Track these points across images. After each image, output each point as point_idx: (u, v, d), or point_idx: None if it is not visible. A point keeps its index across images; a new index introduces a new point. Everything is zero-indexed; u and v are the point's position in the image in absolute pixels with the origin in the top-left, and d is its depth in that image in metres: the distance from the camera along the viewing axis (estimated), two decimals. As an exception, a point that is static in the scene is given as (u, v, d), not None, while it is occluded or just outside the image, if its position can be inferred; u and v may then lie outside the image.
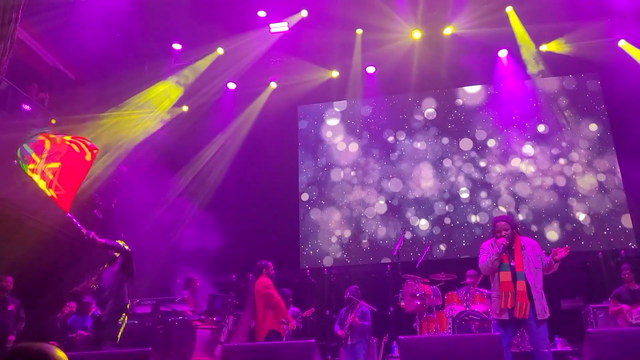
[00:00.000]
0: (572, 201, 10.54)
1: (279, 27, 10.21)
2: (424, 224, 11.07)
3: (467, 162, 11.26)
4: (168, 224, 10.62)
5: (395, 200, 11.35)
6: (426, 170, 11.38)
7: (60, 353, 1.62)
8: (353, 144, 11.93)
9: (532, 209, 10.63)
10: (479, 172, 11.14)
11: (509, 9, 10.11)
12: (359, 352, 7.69)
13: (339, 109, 12.26)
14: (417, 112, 11.83)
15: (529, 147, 11.01)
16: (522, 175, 10.91)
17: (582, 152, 10.76)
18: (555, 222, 10.48)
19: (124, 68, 10.18)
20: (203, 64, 10.85)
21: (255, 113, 11.71)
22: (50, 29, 9.15)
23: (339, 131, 12.11)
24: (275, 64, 11.23)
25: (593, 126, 10.85)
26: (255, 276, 6.76)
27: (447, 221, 10.98)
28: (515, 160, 11.02)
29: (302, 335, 8.10)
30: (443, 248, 10.79)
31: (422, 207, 11.17)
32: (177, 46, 10.82)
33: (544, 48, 10.66)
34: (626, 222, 10.17)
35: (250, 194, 11.42)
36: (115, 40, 9.80)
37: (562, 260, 4.74)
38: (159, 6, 9.80)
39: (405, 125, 11.81)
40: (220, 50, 10.74)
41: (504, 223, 4.93)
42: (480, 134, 11.35)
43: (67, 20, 8.98)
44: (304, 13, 10.21)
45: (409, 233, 10.76)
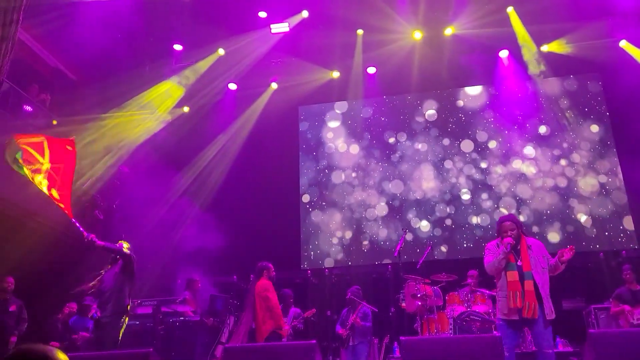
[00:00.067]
0: (574, 202, 10.52)
1: (280, 27, 10.21)
2: (425, 225, 11.06)
3: (468, 163, 11.24)
4: (169, 225, 10.63)
5: (396, 202, 11.34)
6: (427, 171, 11.36)
7: (61, 355, 1.62)
8: (354, 145, 11.92)
9: (533, 210, 10.61)
10: (480, 173, 11.13)
11: (510, 10, 10.09)
12: (361, 352, 7.69)
13: (339, 111, 12.25)
14: (418, 113, 11.82)
15: (530, 148, 10.99)
16: (523, 177, 10.89)
17: (583, 153, 10.74)
18: (557, 223, 10.46)
19: (125, 69, 10.18)
20: (204, 64, 10.84)
21: (256, 114, 11.71)
22: (52, 30, 9.16)
23: (339, 132, 12.09)
24: (276, 64, 11.23)
25: (594, 127, 10.83)
26: (256, 277, 6.76)
27: (449, 222, 10.96)
28: (516, 162, 11.00)
29: (303, 335, 8.11)
30: (444, 249, 10.79)
31: (423, 208, 11.16)
32: (178, 47, 10.81)
33: (545, 48, 10.64)
34: (627, 223, 10.14)
35: (251, 195, 11.41)
36: (116, 41, 9.80)
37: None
38: (160, 7, 9.81)
39: (406, 127, 11.79)
40: (221, 51, 10.73)
41: (510, 223, 4.89)
42: (481, 135, 11.34)
43: (68, 21, 8.98)
44: (304, 14, 10.20)
45: (410, 234, 10.75)
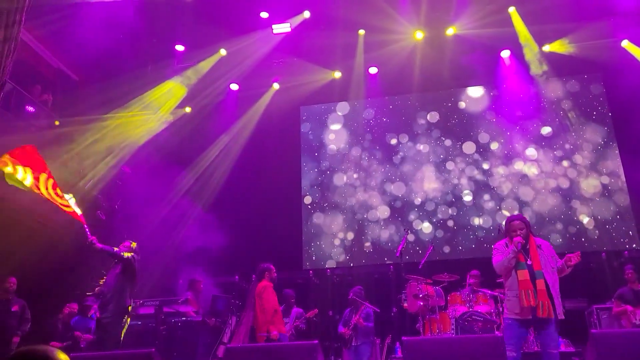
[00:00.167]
0: (576, 203, 10.50)
1: (282, 28, 10.21)
2: (427, 226, 11.04)
3: (470, 164, 11.22)
4: (171, 225, 10.65)
5: (398, 203, 11.32)
6: (429, 172, 11.34)
7: (62, 355, 1.62)
8: (356, 147, 11.91)
9: (535, 212, 10.58)
10: (482, 175, 11.11)
11: (511, 10, 10.07)
12: (364, 353, 7.68)
13: (341, 112, 12.24)
14: (420, 114, 11.80)
15: (532, 149, 10.97)
16: (525, 178, 10.87)
17: (585, 154, 10.71)
18: (559, 224, 10.44)
19: (127, 69, 10.19)
20: (206, 65, 10.85)
21: (258, 114, 11.72)
22: (54, 31, 9.17)
23: (341, 134, 12.08)
24: (277, 65, 11.23)
25: (596, 128, 10.79)
26: (257, 278, 6.77)
27: (450, 224, 10.95)
28: (518, 163, 10.97)
29: (305, 336, 8.11)
30: (447, 250, 10.77)
31: (425, 209, 11.15)
32: (180, 47, 10.82)
33: (547, 48, 10.62)
34: (630, 223, 10.13)
35: (253, 195, 11.42)
36: (118, 41, 9.81)
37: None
38: (162, 7, 9.82)
39: (408, 128, 11.78)
40: (223, 52, 10.74)
41: (519, 222, 4.85)
42: (483, 136, 11.31)
43: (70, 22, 9.00)
44: (306, 14, 10.20)
45: (411, 235, 10.76)
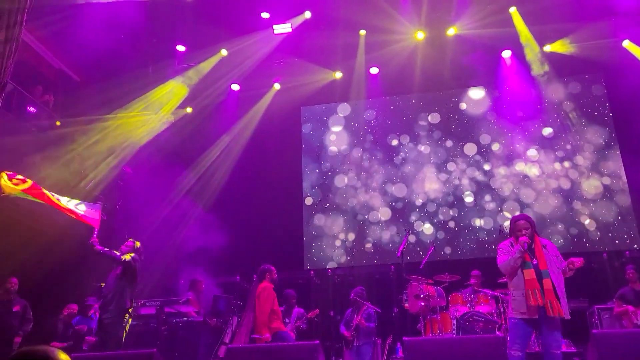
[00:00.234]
0: (577, 204, 10.48)
1: (283, 28, 10.22)
2: (428, 227, 11.04)
3: (472, 165, 11.21)
4: (172, 225, 10.66)
5: (399, 204, 11.31)
6: (430, 173, 11.33)
7: (63, 356, 1.62)
8: (357, 148, 11.90)
9: (536, 212, 10.56)
10: (484, 176, 11.10)
11: (512, 10, 10.06)
12: (365, 353, 7.67)
13: (342, 114, 12.22)
14: (421, 115, 11.79)
15: (533, 150, 10.96)
16: (526, 179, 10.86)
17: (586, 154, 10.70)
18: (560, 225, 10.43)
19: (128, 70, 10.20)
20: (207, 65, 10.86)
21: (259, 114, 11.72)
22: (55, 31, 9.19)
23: (342, 135, 12.08)
24: (278, 65, 11.23)
25: (598, 128, 10.78)
26: (258, 279, 6.77)
27: (452, 225, 10.94)
28: (519, 164, 10.96)
29: (306, 336, 8.11)
30: (448, 251, 10.76)
31: (427, 211, 11.14)
32: (181, 48, 10.83)
33: (548, 48, 10.60)
34: (631, 224, 10.11)
35: (254, 196, 11.43)
36: (119, 42, 9.82)
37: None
38: (163, 8, 9.82)
39: (409, 129, 11.76)
40: (224, 52, 10.75)
41: (524, 222, 4.83)
42: (484, 137, 11.30)
43: (71, 23, 9.01)
44: (307, 14, 10.21)
45: (412, 236, 10.76)
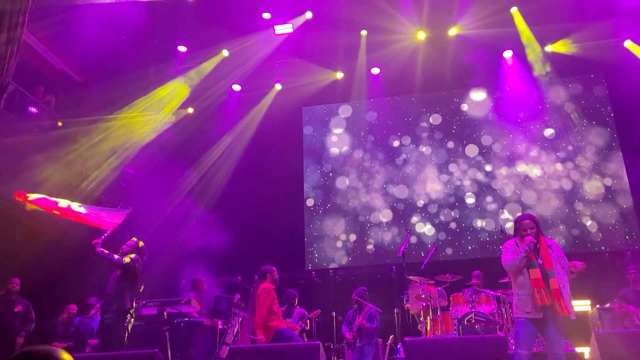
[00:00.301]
0: (579, 205, 10.48)
1: (284, 28, 10.22)
2: (429, 229, 11.03)
3: (473, 166, 11.19)
4: (174, 225, 10.66)
5: (400, 205, 11.31)
6: (431, 174, 11.33)
7: (66, 355, 1.62)
8: (358, 149, 11.89)
9: (538, 213, 10.51)
10: (485, 177, 11.09)
11: (513, 10, 10.06)
12: (367, 354, 7.67)
13: (343, 115, 12.22)
14: (422, 116, 11.78)
15: (535, 151, 10.94)
16: (528, 179, 10.85)
17: (588, 155, 10.69)
18: (562, 226, 10.42)
19: (130, 70, 10.21)
20: (208, 66, 10.86)
21: (260, 115, 11.73)
22: (57, 32, 9.20)
23: (344, 136, 12.08)
24: (280, 65, 11.23)
25: (599, 129, 10.76)
26: (259, 280, 6.77)
27: (453, 226, 10.94)
28: (521, 165, 10.95)
29: (307, 336, 8.11)
30: (449, 252, 10.76)
31: (428, 211, 11.14)
32: (182, 48, 10.85)
33: (550, 48, 10.59)
34: (633, 224, 10.10)
35: (256, 196, 11.43)
36: (120, 42, 9.84)
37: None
38: (164, 8, 9.83)
39: (410, 130, 11.76)
40: (225, 52, 10.75)
41: (529, 221, 4.80)
42: (486, 138, 11.29)
43: (73, 23, 9.03)
44: (308, 15, 10.21)
45: (414, 237, 10.77)
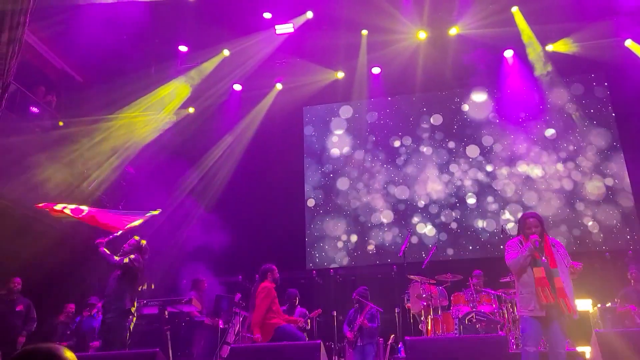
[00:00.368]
0: (580, 205, 10.47)
1: (285, 28, 10.23)
2: (430, 229, 11.03)
3: (474, 167, 11.19)
4: (175, 225, 10.67)
5: (401, 206, 11.30)
6: (432, 175, 11.32)
7: (69, 354, 1.62)
8: (359, 149, 11.89)
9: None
10: (486, 177, 11.08)
11: (514, 9, 10.06)
12: (369, 353, 7.67)
13: (344, 116, 12.21)
14: (423, 117, 11.78)
15: (536, 152, 10.93)
16: (529, 180, 10.84)
17: (589, 155, 10.68)
18: (563, 226, 10.40)
19: (131, 70, 10.22)
20: (209, 65, 10.87)
21: (261, 115, 11.73)
22: (58, 32, 9.22)
23: (344, 136, 12.08)
24: (280, 65, 11.24)
25: (600, 129, 10.75)
26: (260, 279, 6.78)
27: (454, 226, 10.94)
28: (522, 165, 10.94)
29: (308, 335, 8.11)
30: (450, 253, 10.76)
31: (429, 212, 11.13)
32: (183, 48, 10.85)
33: (550, 48, 10.59)
34: (634, 224, 10.09)
35: (257, 195, 11.43)
36: (121, 42, 9.86)
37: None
38: (165, 8, 9.84)
39: (411, 130, 11.75)
40: (226, 52, 10.76)
41: (534, 220, 4.79)
42: (487, 138, 11.28)
43: (74, 23, 9.04)
44: (309, 14, 10.22)
45: (415, 237, 10.77)
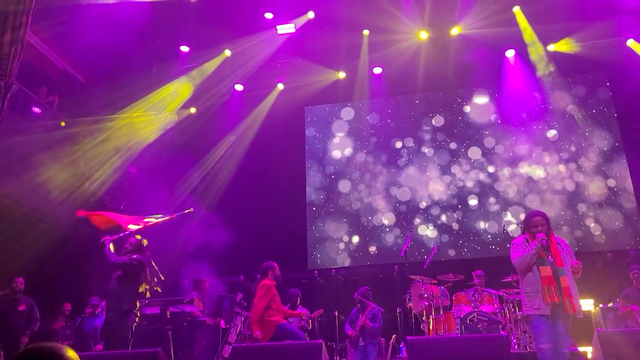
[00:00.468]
0: (582, 206, 10.45)
1: (286, 28, 10.24)
2: (432, 230, 11.03)
3: (476, 168, 11.18)
4: (176, 225, 10.66)
5: (403, 207, 11.30)
6: (434, 176, 11.32)
7: (71, 353, 1.62)
8: (360, 151, 11.89)
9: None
10: (488, 178, 11.07)
11: (516, 9, 10.05)
12: (370, 353, 7.67)
13: (346, 117, 12.21)
14: (424, 118, 11.77)
15: (538, 152, 10.91)
16: (531, 181, 10.83)
17: (591, 156, 10.66)
18: (565, 227, 10.39)
19: (133, 70, 10.24)
20: (210, 65, 10.89)
21: (263, 115, 11.74)
22: (60, 32, 9.23)
23: (346, 138, 12.07)
24: (282, 65, 11.25)
25: (602, 129, 10.74)
26: (261, 277, 6.79)
27: (456, 227, 10.93)
28: (524, 166, 10.93)
29: (310, 335, 8.12)
30: (452, 254, 10.75)
31: (430, 213, 11.13)
32: (184, 48, 10.87)
33: (552, 48, 10.58)
34: (636, 224, 10.08)
35: (258, 196, 11.44)
36: (123, 43, 9.87)
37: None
38: (167, 9, 9.86)
39: (413, 132, 11.74)
40: (228, 52, 10.77)
41: (540, 218, 4.73)
42: (489, 139, 11.27)
43: (76, 24, 9.06)
44: (310, 15, 10.23)
45: (416, 238, 10.76)
